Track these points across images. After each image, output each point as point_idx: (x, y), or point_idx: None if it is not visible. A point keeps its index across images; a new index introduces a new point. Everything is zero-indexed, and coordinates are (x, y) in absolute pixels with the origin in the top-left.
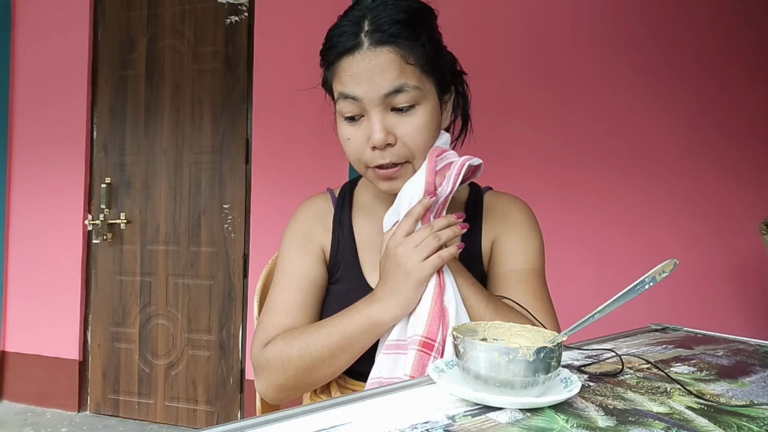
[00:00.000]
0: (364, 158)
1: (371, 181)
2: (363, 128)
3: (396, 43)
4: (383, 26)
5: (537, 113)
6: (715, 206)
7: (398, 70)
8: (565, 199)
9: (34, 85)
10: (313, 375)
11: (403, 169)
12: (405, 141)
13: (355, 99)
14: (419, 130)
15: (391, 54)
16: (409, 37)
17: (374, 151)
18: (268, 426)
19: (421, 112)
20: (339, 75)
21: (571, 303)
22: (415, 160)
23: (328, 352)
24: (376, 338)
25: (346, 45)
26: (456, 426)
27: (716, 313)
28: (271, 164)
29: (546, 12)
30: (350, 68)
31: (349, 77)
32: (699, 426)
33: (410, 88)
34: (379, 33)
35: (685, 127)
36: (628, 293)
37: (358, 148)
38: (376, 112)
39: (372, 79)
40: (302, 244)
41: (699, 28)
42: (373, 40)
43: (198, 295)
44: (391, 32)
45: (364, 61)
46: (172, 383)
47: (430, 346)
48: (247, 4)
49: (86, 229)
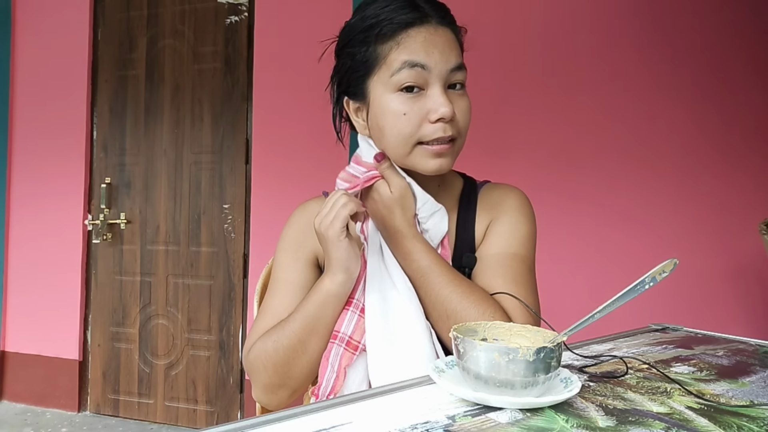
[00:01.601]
0: (420, 133)
1: (415, 164)
2: (421, 103)
3: (453, 28)
4: (442, 11)
5: (536, 112)
6: (715, 206)
7: (458, 51)
8: (565, 199)
9: (34, 85)
10: (291, 367)
11: (452, 147)
12: (458, 117)
13: (423, 67)
14: (468, 110)
15: (453, 36)
16: (457, 26)
17: (436, 124)
18: (268, 426)
19: (467, 94)
20: (406, 44)
21: (571, 303)
22: (460, 138)
23: (297, 339)
24: (335, 312)
25: (416, 16)
26: (456, 426)
27: (716, 313)
28: (271, 164)
29: (546, 10)
30: (423, 37)
31: (421, 45)
32: (699, 426)
33: (465, 69)
34: (442, 15)
35: (685, 126)
36: (628, 293)
37: (415, 121)
38: (440, 85)
39: (444, 51)
40: (294, 250)
41: (700, 26)
42: (439, 20)
43: (198, 295)
44: (448, 18)
45: (434, 34)
46: (172, 383)
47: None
48: (247, 4)
49: (86, 229)
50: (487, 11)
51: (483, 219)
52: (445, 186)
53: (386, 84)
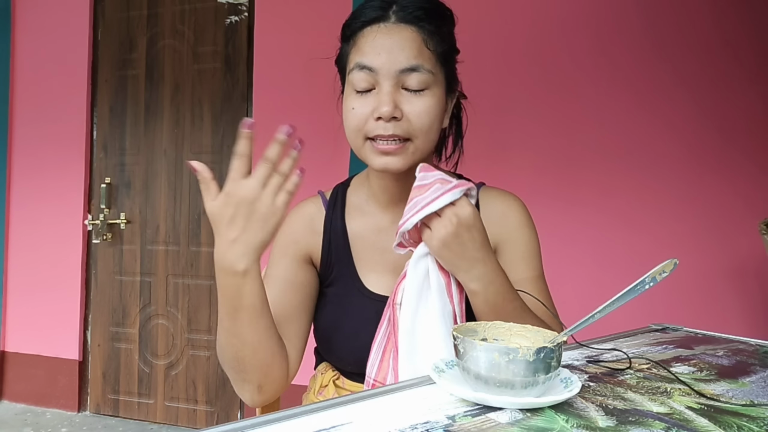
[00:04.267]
0: (365, 128)
1: (365, 159)
2: (371, 100)
3: (419, 25)
4: (410, 8)
5: (537, 112)
6: (715, 206)
7: (417, 50)
8: (565, 199)
9: (34, 85)
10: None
11: (404, 148)
12: (410, 118)
13: (371, 70)
14: (427, 111)
15: (414, 34)
16: (432, 23)
17: (377, 122)
18: (268, 426)
19: (430, 95)
20: (359, 45)
21: (571, 303)
22: (417, 140)
23: (225, 331)
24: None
25: (372, 15)
26: (456, 426)
27: (716, 313)
28: None
29: (547, 10)
30: (372, 38)
31: (370, 47)
32: (699, 426)
33: (425, 71)
34: (406, 12)
35: (685, 126)
36: (628, 293)
37: (361, 117)
38: (389, 85)
39: (391, 52)
40: (284, 247)
41: (699, 28)
42: (398, 17)
43: (198, 295)
44: (417, 15)
45: (388, 33)
46: (172, 383)
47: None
48: (247, 4)
49: (86, 229)
50: (486, 14)
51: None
52: None
53: (348, 82)
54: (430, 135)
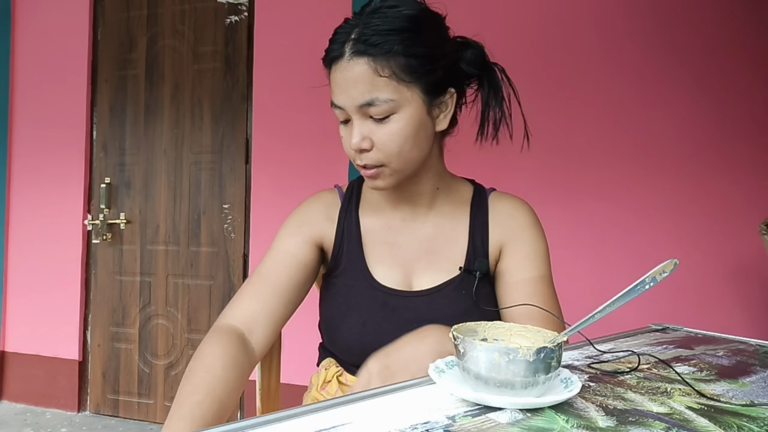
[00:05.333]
0: (352, 155)
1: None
2: (350, 131)
3: (371, 54)
4: (365, 36)
5: (538, 112)
6: (715, 206)
7: (369, 83)
8: (566, 199)
9: (34, 85)
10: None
11: (380, 172)
12: (379, 147)
13: (340, 107)
14: (392, 137)
15: (365, 66)
16: (385, 48)
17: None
18: (268, 426)
19: (396, 120)
20: (331, 82)
21: (571, 303)
22: (391, 164)
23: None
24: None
25: (332, 54)
26: (456, 426)
27: (716, 313)
28: (271, 164)
29: (549, 9)
30: (335, 77)
31: (335, 85)
32: (699, 426)
33: (381, 102)
34: (359, 44)
35: (685, 127)
36: (628, 293)
37: (347, 145)
38: (356, 119)
39: (348, 90)
40: (298, 225)
41: (704, 26)
42: (351, 51)
43: (198, 295)
44: (370, 42)
45: (344, 71)
46: (172, 383)
47: None
48: (247, 4)
49: (86, 229)
50: (491, 9)
51: (496, 229)
52: (451, 192)
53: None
54: (403, 156)
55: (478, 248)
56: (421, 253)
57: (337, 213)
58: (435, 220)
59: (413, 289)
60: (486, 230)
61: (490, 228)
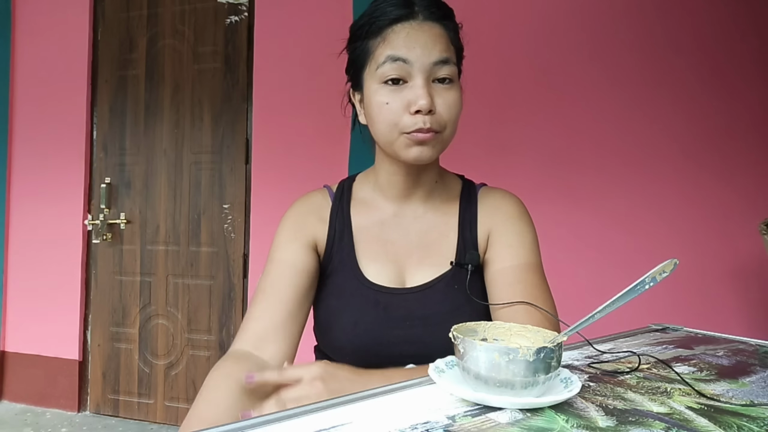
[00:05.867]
0: (401, 123)
1: (397, 152)
2: (404, 94)
3: (444, 24)
4: (432, 7)
5: (537, 113)
6: (715, 206)
7: (446, 44)
8: (565, 199)
9: (34, 85)
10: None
11: (436, 138)
12: (442, 111)
13: (405, 62)
14: (456, 103)
15: (441, 30)
16: (453, 22)
17: (415, 116)
18: (268, 426)
19: (456, 89)
20: (390, 39)
21: (571, 303)
22: (446, 131)
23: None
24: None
25: (401, 12)
26: (456, 426)
27: (716, 313)
28: (271, 164)
29: (547, 12)
30: (405, 33)
31: (403, 41)
32: (699, 426)
33: (452, 64)
34: (431, 10)
35: (685, 127)
36: (628, 293)
37: (397, 111)
38: (422, 78)
39: (425, 46)
40: (292, 232)
41: (700, 27)
42: (426, 15)
43: (198, 295)
44: (441, 14)
45: (420, 29)
46: (172, 383)
47: None
48: (247, 4)
49: (86, 229)
50: (487, 11)
51: (484, 221)
52: (444, 184)
53: (374, 76)
54: (454, 127)
55: (468, 241)
56: (413, 248)
57: (329, 213)
58: (427, 215)
59: (406, 286)
60: (475, 223)
61: (479, 220)
